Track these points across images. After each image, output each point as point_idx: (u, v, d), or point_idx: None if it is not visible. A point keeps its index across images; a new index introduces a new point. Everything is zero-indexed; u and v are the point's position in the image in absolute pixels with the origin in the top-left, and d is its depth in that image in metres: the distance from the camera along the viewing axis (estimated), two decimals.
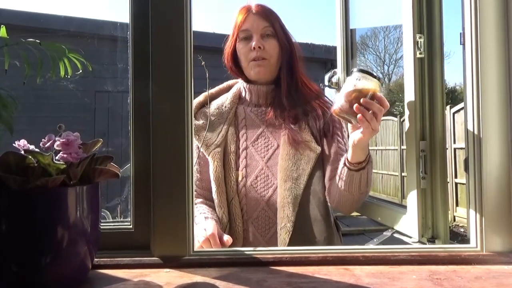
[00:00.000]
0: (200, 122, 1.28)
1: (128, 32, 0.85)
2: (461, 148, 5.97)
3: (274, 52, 1.24)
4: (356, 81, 1.00)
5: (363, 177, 1.07)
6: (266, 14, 1.25)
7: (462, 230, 6.03)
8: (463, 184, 6.01)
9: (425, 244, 1.08)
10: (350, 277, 0.70)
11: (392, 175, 7.35)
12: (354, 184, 1.08)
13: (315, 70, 6.60)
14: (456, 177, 6.45)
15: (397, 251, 0.79)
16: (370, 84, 1.00)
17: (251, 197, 1.19)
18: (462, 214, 6.20)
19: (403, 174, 6.83)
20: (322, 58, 6.73)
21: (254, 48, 1.22)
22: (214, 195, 1.20)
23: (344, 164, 1.09)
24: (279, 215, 1.14)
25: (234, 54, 1.29)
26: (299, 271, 0.74)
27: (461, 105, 5.80)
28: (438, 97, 1.11)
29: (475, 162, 0.81)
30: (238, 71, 1.31)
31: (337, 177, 1.12)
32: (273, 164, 1.20)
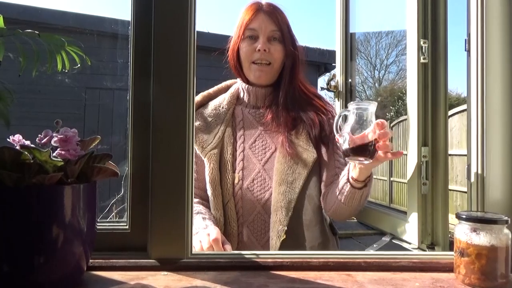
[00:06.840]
0: (197, 123, 1.25)
1: (129, 30, 0.82)
2: (451, 155, 6.02)
3: (278, 57, 1.20)
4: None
5: (364, 193, 1.05)
6: (276, 16, 1.21)
7: (451, 237, 6.05)
8: (453, 191, 6.06)
9: (425, 250, 1.07)
10: (353, 283, 0.69)
11: (380, 179, 7.40)
12: (355, 199, 1.05)
13: (308, 73, 6.58)
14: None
15: (398, 258, 0.78)
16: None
17: (247, 200, 1.16)
18: (452, 222, 6.22)
19: (391, 178, 6.87)
20: (316, 62, 6.73)
21: (259, 50, 1.18)
22: (210, 197, 1.18)
23: (348, 180, 1.05)
24: (272, 219, 1.12)
25: (238, 52, 1.25)
26: (300, 276, 0.72)
27: (452, 111, 5.84)
28: (441, 103, 1.10)
29: (477, 170, 0.81)
30: (241, 70, 1.27)
31: (337, 191, 1.09)
32: (270, 167, 1.17)
